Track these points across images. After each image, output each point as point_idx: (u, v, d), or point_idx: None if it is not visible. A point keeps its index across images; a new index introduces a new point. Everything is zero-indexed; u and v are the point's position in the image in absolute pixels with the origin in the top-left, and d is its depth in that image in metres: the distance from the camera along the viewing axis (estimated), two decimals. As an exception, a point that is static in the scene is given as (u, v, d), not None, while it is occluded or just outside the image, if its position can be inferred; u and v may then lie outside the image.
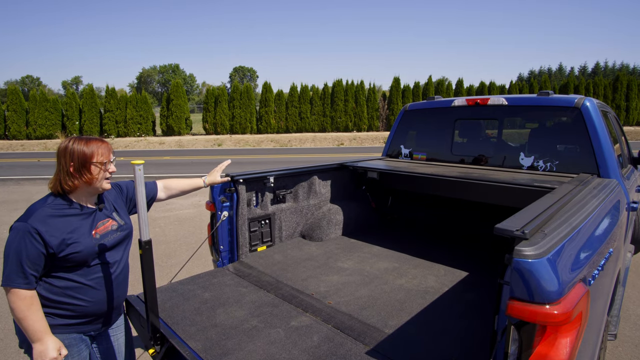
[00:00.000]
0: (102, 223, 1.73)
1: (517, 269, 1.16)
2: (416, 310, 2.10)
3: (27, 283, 1.53)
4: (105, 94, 23.61)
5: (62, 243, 1.56)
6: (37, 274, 1.55)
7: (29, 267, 1.52)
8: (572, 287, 1.24)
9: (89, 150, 1.63)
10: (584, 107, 2.87)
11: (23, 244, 1.51)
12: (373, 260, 2.90)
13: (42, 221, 1.55)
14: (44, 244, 1.53)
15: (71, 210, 1.65)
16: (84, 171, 1.62)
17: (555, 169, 2.96)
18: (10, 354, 2.99)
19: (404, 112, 4.02)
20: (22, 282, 1.52)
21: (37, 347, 1.55)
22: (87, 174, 1.63)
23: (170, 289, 2.28)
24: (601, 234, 1.71)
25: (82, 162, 1.62)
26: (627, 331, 3.29)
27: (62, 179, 1.63)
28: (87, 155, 1.62)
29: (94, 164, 1.64)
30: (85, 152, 1.62)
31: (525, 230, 1.24)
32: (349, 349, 1.67)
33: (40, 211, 1.58)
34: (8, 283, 1.51)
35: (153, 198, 2.10)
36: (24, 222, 1.54)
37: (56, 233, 1.56)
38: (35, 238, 1.52)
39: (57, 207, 1.62)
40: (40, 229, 1.53)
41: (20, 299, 1.52)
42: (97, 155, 1.65)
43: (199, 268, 3.30)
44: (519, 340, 1.21)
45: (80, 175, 1.62)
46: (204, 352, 1.65)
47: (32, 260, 1.52)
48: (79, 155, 1.62)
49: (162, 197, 2.15)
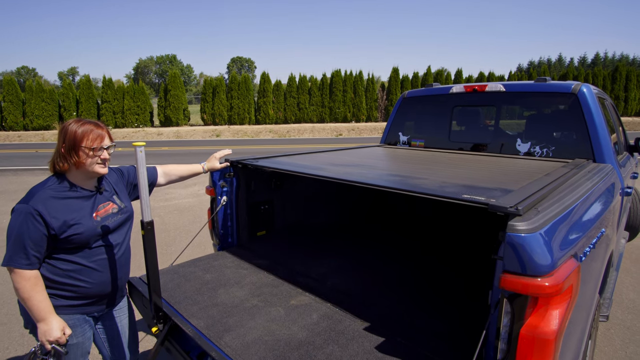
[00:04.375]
0: (102, 206, 1.75)
1: (510, 243, 1.20)
2: (415, 290, 2.15)
3: (30, 264, 1.55)
4: (102, 84, 23.44)
5: (63, 224, 1.58)
6: (39, 255, 1.57)
7: (31, 248, 1.54)
8: (563, 261, 1.28)
9: (80, 133, 1.62)
10: (581, 93, 2.89)
11: (25, 226, 1.53)
12: (371, 244, 2.94)
13: (44, 203, 1.56)
14: (46, 225, 1.55)
15: (71, 193, 1.66)
16: (73, 154, 1.62)
17: (551, 155, 3.00)
18: (14, 338, 3.04)
19: (403, 99, 4.03)
20: (25, 262, 1.54)
21: (42, 327, 1.58)
22: (74, 156, 1.62)
23: (171, 271, 2.32)
24: (594, 213, 1.75)
25: (72, 145, 1.61)
26: (619, 314, 3.36)
27: (55, 158, 1.65)
28: (77, 138, 1.61)
29: (82, 149, 1.62)
30: (76, 135, 1.61)
31: (519, 207, 1.27)
32: (347, 325, 1.72)
33: (42, 193, 1.59)
34: (10, 263, 1.54)
35: (153, 183, 2.12)
36: (25, 204, 1.55)
37: (57, 214, 1.58)
38: (37, 219, 1.53)
39: (58, 189, 1.64)
40: (42, 211, 1.54)
41: (25, 279, 1.55)
42: (87, 140, 1.62)
43: (200, 254, 3.35)
44: (511, 313, 1.25)
45: (69, 157, 1.62)
46: (206, 329, 1.69)
47: (34, 241, 1.54)
48: (70, 137, 1.61)
49: (161, 183, 2.17)
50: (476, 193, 1.53)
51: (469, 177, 1.97)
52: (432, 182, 1.81)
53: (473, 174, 2.13)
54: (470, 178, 1.95)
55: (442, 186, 1.72)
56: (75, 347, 1.73)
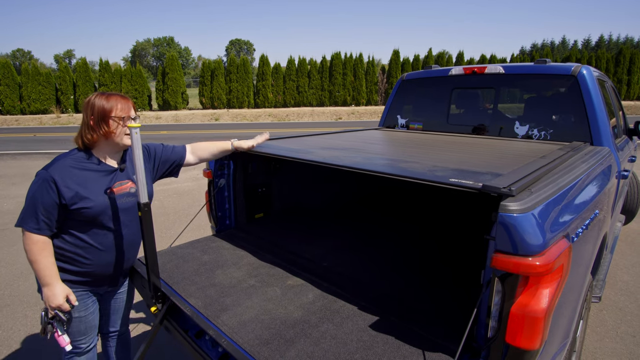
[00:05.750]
0: (120, 183, 1.77)
1: (502, 223, 1.21)
2: (410, 272, 2.18)
3: (38, 229, 1.60)
4: (99, 67, 23.18)
5: (75, 196, 1.62)
6: (49, 222, 1.62)
7: (42, 213, 1.59)
8: (555, 241, 1.30)
9: (108, 104, 1.68)
10: (580, 75, 2.86)
11: (39, 191, 1.59)
12: (367, 227, 2.97)
13: (61, 171, 1.62)
14: (58, 194, 1.60)
15: (91, 165, 1.71)
16: (103, 125, 1.67)
17: (549, 138, 2.99)
18: (18, 318, 3.09)
19: (402, 82, 3.99)
20: (34, 226, 1.60)
21: (46, 292, 1.65)
22: (105, 127, 1.67)
23: (170, 252, 2.35)
24: (588, 195, 1.76)
25: (102, 116, 1.67)
26: (612, 296, 3.42)
27: (83, 132, 1.70)
28: (106, 109, 1.67)
29: (112, 119, 1.68)
30: (104, 106, 1.67)
31: (512, 188, 1.28)
32: (342, 304, 1.75)
33: (62, 161, 1.65)
34: (21, 224, 1.62)
35: (180, 163, 2.11)
36: (45, 170, 1.62)
37: (71, 185, 1.62)
38: (51, 187, 1.59)
39: (79, 160, 1.69)
40: (57, 179, 1.60)
41: (33, 242, 1.61)
42: (116, 109, 1.68)
43: (198, 236, 3.38)
44: (502, 291, 1.27)
45: (99, 128, 1.67)
46: (203, 308, 1.72)
47: (45, 207, 1.59)
48: (99, 109, 1.67)
49: (191, 161, 2.16)
50: (466, 177, 1.52)
51: (462, 161, 1.96)
52: (422, 166, 1.79)
53: (467, 157, 2.12)
54: (463, 162, 1.94)
55: (432, 170, 1.70)
56: (77, 321, 1.79)
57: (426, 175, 1.56)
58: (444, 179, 1.47)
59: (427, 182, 1.49)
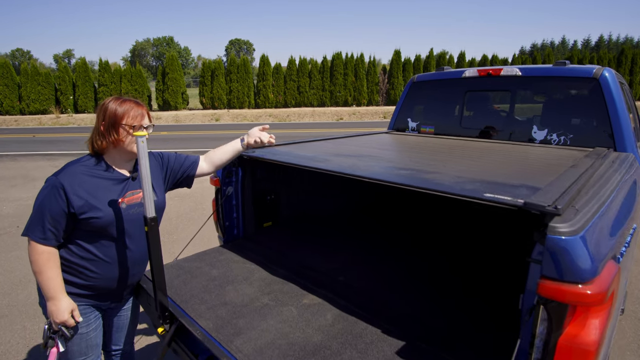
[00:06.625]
0: (131, 193, 1.67)
1: (551, 247, 1.09)
2: (427, 288, 2.07)
3: (44, 238, 1.52)
4: (98, 67, 22.99)
5: (84, 205, 1.53)
6: (56, 232, 1.53)
7: (49, 221, 1.50)
8: (604, 265, 1.18)
9: (120, 111, 1.59)
10: (603, 78, 2.75)
11: (47, 199, 1.51)
12: (381, 237, 2.85)
13: (71, 178, 1.53)
14: (67, 202, 1.51)
15: (103, 173, 1.62)
16: (112, 132, 1.58)
17: (569, 143, 2.87)
18: (16, 330, 2.97)
19: (412, 84, 3.87)
20: (40, 235, 1.51)
21: (50, 306, 1.56)
22: (114, 134, 1.58)
23: (176, 266, 2.23)
24: (627, 207, 1.65)
25: (112, 122, 1.58)
26: (630, 305, 3.31)
27: (94, 136, 1.62)
28: (117, 115, 1.58)
29: (122, 126, 1.59)
30: (117, 113, 1.58)
31: (558, 206, 1.16)
32: (364, 327, 1.63)
33: (73, 168, 1.57)
34: (27, 233, 1.53)
35: (191, 173, 2.01)
36: (55, 177, 1.54)
37: (81, 193, 1.53)
38: (60, 194, 1.50)
39: (90, 166, 1.61)
40: (67, 186, 1.51)
41: (38, 252, 1.52)
42: (127, 117, 1.59)
43: (203, 245, 3.27)
44: (548, 320, 1.16)
45: (108, 135, 1.58)
46: (215, 331, 1.60)
47: (53, 216, 1.50)
48: (110, 114, 1.58)
49: (205, 170, 2.06)
50: (500, 191, 1.40)
51: (486, 171, 1.84)
52: (446, 177, 1.67)
53: (490, 166, 2.00)
54: (488, 172, 1.82)
55: (459, 182, 1.58)
56: (78, 339, 1.68)
57: (454, 189, 1.44)
58: (477, 194, 1.35)
59: (458, 196, 1.37)
